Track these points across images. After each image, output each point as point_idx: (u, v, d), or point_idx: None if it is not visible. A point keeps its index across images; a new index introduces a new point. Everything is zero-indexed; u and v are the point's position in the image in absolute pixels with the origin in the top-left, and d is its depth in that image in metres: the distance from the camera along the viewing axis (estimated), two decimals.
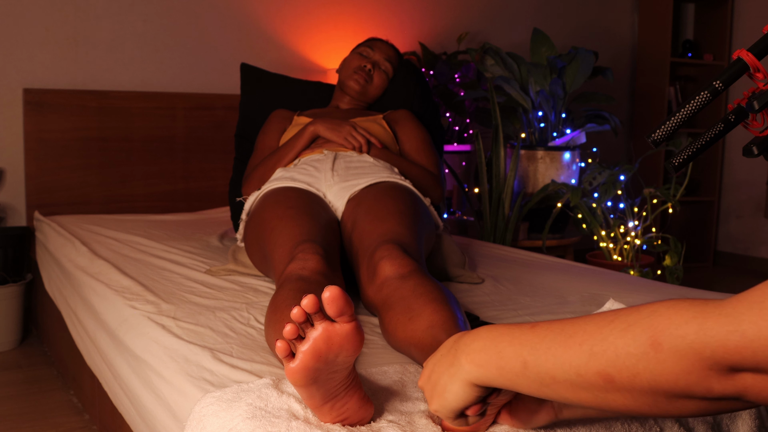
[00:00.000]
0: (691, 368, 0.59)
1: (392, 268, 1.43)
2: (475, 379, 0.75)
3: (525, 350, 0.70)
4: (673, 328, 0.59)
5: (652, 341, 0.60)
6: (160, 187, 3.19)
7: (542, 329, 0.70)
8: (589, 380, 0.65)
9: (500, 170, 3.28)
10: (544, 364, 0.68)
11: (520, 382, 0.71)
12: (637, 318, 0.62)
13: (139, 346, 1.45)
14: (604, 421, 1.01)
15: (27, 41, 2.99)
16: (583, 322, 0.67)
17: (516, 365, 0.70)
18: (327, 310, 0.90)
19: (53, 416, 2.14)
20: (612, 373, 0.63)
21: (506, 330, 0.74)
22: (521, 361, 0.70)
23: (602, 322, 0.65)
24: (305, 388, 0.93)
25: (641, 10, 4.59)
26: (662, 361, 0.60)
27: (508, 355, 0.71)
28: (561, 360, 0.66)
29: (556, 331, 0.68)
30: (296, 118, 2.23)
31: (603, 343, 0.63)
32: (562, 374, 0.67)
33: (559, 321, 0.70)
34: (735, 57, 0.87)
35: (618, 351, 0.62)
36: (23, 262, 2.83)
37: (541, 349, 0.68)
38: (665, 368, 0.60)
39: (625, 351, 0.62)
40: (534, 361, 0.69)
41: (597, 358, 0.64)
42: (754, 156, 0.89)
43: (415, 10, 3.89)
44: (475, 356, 0.75)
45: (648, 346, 0.60)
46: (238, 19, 3.42)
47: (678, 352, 0.59)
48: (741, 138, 4.44)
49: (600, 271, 2.10)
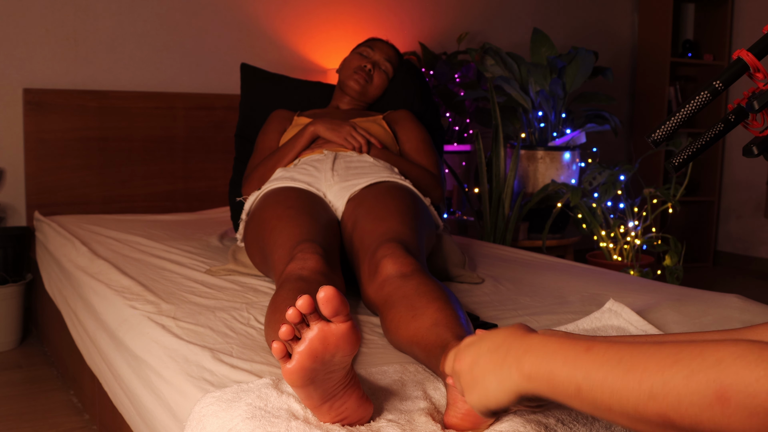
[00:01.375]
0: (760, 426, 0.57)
1: (394, 267, 1.43)
2: (524, 391, 0.74)
3: (579, 375, 0.68)
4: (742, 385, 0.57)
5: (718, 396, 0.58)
6: (160, 187, 3.19)
7: (598, 354, 0.68)
8: (648, 418, 0.63)
9: (500, 170, 3.28)
10: (599, 395, 0.66)
11: (573, 403, 0.70)
12: (702, 365, 0.60)
13: (139, 346, 1.45)
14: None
15: (27, 41, 2.99)
16: (643, 357, 0.64)
17: (569, 389, 0.69)
18: (322, 310, 0.90)
19: (53, 416, 2.14)
20: (674, 418, 0.61)
21: (560, 347, 0.72)
22: (575, 385, 0.69)
23: (664, 362, 0.63)
24: (302, 388, 0.93)
25: (641, 10, 4.59)
26: (729, 416, 0.58)
27: (561, 376, 0.70)
28: (618, 395, 0.65)
29: (613, 361, 0.66)
30: (296, 118, 2.23)
31: (664, 386, 0.62)
32: (618, 407, 0.65)
33: (615, 346, 0.68)
34: (735, 57, 0.87)
35: (681, 398, 0.60)
36: (23, 262, 2.83)
37: (596, 379, 0.67)
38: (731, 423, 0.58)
39: (689, 399, 0.60)
40: (588, 389, 0.67)
41: (657, 400, 0.62)
42: (754, 156, 0.89)
43: (415, 10, 3.89)
44: (527, 369, 0.73)
45: (714, 399, 0.58)
46: (238, 19, 3.42)
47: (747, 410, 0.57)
48: (741, 138, 4.44)
49: (600, 271, 2.10)
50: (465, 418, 0.96)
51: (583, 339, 0.71)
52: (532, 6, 4.25)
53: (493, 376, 0.77)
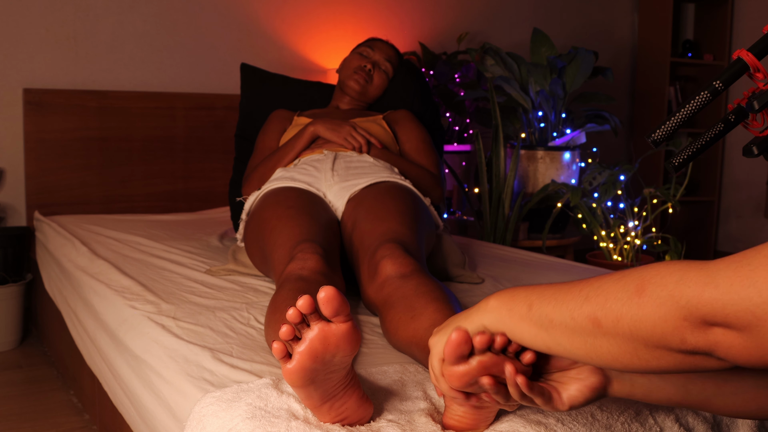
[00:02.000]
0: (668, 316, 0.63)
1: (393, 267, 1.43)
2: (486, 320, 0.80)
3: (534, 295, 0.76)
4: (658, 277, 0.64)
5: (637, 287, 0.65)
6: (160, 187, 3.19)
7: (558, 284, 0.76)
8: (580, 324, 0.70)
9: (500, 170, 3.28)
10: (545, 307, 0.74)
11: (523, 326, 0.77)
12: (634, 271, 0.68)
13: (139, 346, 1.45)
14: (604, 421, 1.01)
15: (27, 41, 2.99)
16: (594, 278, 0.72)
17: (523, 307, 0.76)
18: (322, 310, 0.90)
19: (53, 416, 2.14)
20: (599, 316, 0.68)
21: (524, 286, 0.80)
22: (528, 303, 0.76)
23: (604, 276, 0.70)
24: (303, 388, 0.93)
25: (641, 10, 4.59)
26: (642, 305, 0.65)
27: (519, 298, 0.78)
28: (560, 304, 0.72)
29: (567, 284, 0.74)
30: (296, 118, 2.23)
31: (598, 289, 0.69)
32: (558, 317, 0.72)
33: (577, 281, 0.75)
34: (735, 57, 0.87)
35: (608, 296, 0.68)
36: (23, 262, 2.83)
37: (547, 295, 0.74)
38: (644, 313, 0.64)
39: (614, 296, 0.67)
40: (539, 304, 0.75)
41: (589, 301, 0.69)
42: (754, 156, 0.89)
43: (415, 10, 3.89)
44: (491, 303, 0.81)
45: (633, 292, 0.65)
46: (238, 19, 3.42)
47: (658, 299, 0.63)
48: (741, 138, 4.43)
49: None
50: (463, 419, 0.96)
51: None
52: (532, 6, 4.25)
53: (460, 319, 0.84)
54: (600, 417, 1.02)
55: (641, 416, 1.04)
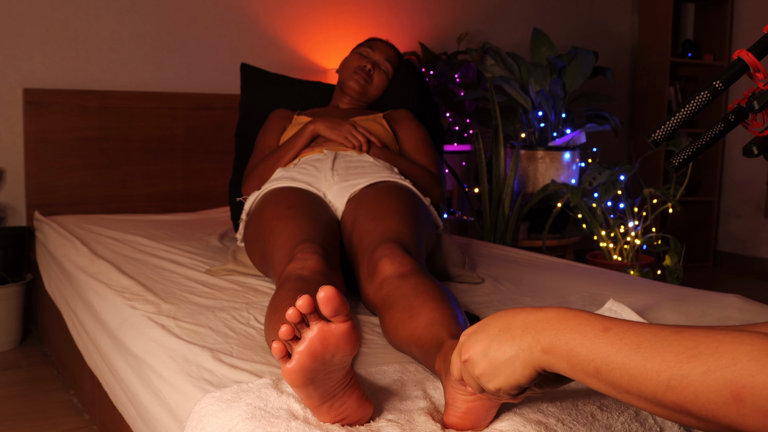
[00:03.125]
0: None
1: (392, 267, 1.43)
2: (546, 366, 0.74)
3: (597, 358, 0.69)
4: (758, 387, 0.59)
5: (734, 396, 0.60)
6: (159, 187, 3.19)
7: (615, 338, 0.68)
8: (666, 405, 0.65)
9: (500, 170, 3.28)
10: (618, 379, 0.67)
11: (591, 383, 0.70)
12: (718, 364, 0.61)
13: (139, 346, 1.45)
14: (604, 421, 1.01)
15: (27, 41, 2.99)
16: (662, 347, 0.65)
17: (588, 368, 0.70)
18: (322, 310, 0.90)
19: (53, 416, 2.14)
20: (691, 409, 0.63)
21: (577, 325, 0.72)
22: (594, 367, 0.69)
23: (682, 356, 0.64)
24: (302, 388, 0.93)
25: (641, 10, 4.59)
26: (744, 415, 0.60)
27: (579, 356, 0.70)
28: (637, 381, 0.66)
29: (632, 346, 0.67)
30: (296, 117, 2.23)
31: (682, 380, 0.63)
32: (636, 392, 0.66)
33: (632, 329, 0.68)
34: (735, 57, 0.87)
35: (698, 393, 0.62)
36: (23, 262, 2.83)
37: (614, 364, 0.67)
38: (747, 422, 0.60)
39: (705, 396, 0.61)
40: (607, 372, 0.68)
41: (676, 392, 0.63)
42: (754, 156, 0.89)
43: (415, 10, 3.89)
44: (547, 343, 0.73)
45: (729, 398, 0.60)
46: (238, 19, 3.42)
47: (761, 411, 0.59)
48: (741, 138, 4.44)
49: (600, 271, 2.10)
50: (464, 418, 0.95)
51: (599, 318, 0.71)
52: (532, 6, 4.25)
53: (512, 354, 0.76)
54: (600, 417, 1.02)
55: (641, 416, 1.04)
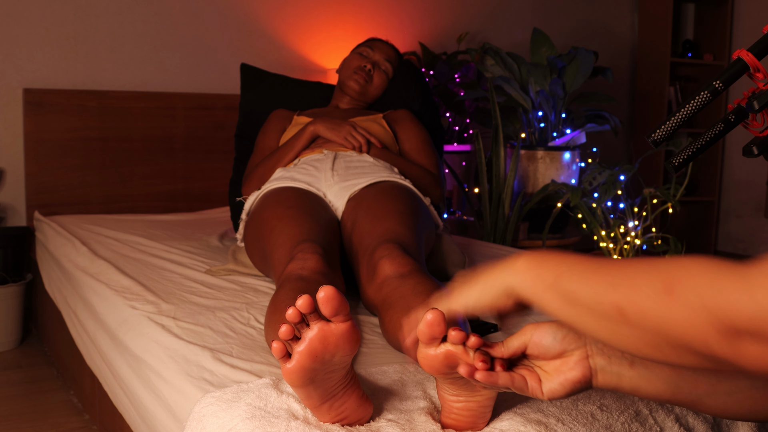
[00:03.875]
0: (696, 321, 0.60)
1: (392, 267, 1.43)
2: (512, 281, 0.78)
3: (564, 266, 0.73)
4: (689, 279, 0.61)
5: (666, 286, 0.63)
6: (160, 187, 3.19)
7: (588, 258, 0.74)
8: (605, 309, 0.68)
9: (500, 170, 3.28)
10: (573, 283, 0.71)
11: (549, 296, 0.74)
12: (663, 265, 0.65)
13: (139, 346, 1.45)
14: (604, 421, 1.01)
15: (27, 41, 2.99)
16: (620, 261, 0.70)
17: (550, 276, 0.74)
18: (322, 309, 0.90)
19: (53, 416, 2.14)
20: (625, 307, 0.66)
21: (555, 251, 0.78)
22: (557, 273, 0.74)
23: (634, 263, 0.68)
24: (302, 388, 0.93)
25: (641, 10, 4.58)
26: (670, 306, 0.62)
27: (548, 264, 0.75)
28: (587, 283, 0.70)
29: (596, 262, 0.72)
30: (296, 117, 2.23)
31: (625, 278, 0.67)
32: (584, 297, 0.70)
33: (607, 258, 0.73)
34: (735, 57, 0.87)
35: (635, 288, 0.65)
36: (23, 262, 2.83)
37: (576, 269, 0.72)
38: (672, 314, 0.62)
39: (642, 290, 0.64)
40: (568, 277, 0.72)
41: (616, 289, 0.67)
42: (754, 156, 0.89)
43: (415, 10, 3.89)
44: (519, 263, 0.78)
45: (662, 289, 0.63)
46: (238, 19, 3.42)
47: (687, 302, 0.61)
48: (741, 138, 4.43)
49: None
50: (461, 418, 0.95)
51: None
52: (532, 6, 4.25)
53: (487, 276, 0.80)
54: (600, 417, 1.02)
55: (641, 416, 1.04)
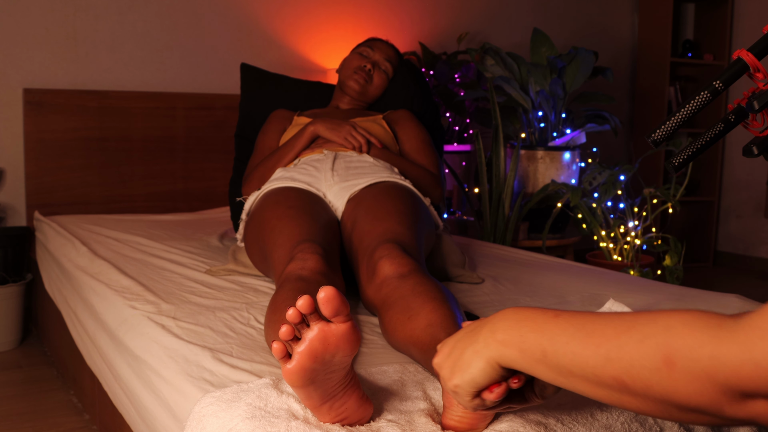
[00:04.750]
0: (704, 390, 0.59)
1: (392, 268, 1.43)
2: (499, 358, 0.76)
3: (545, 340, 0.71)
4: (687, 350, 0.60)
5: (666, 359, 0.61)
6: (160, 187, 3.19)
7: (564, 321, 0.71)
8: (604, 381, 0.66)
9: (500, 170, 3.28)
10: (562, 358, 0.70)
11: (540, 369, 0.73)
12: (653, 331, 0.63)
13: (139, 346, 1.45)
14: (604, 421, 1.01)
15: (27, 41, 2.99)
16: (602, 324, 0.68)
17: (536, 352, 0.72)
18: (322, 310, 0.90)
19: (53, 416, 2.14)
20: (626, 380, 0.64)
21: (530, 314, 0.75)
22: (541, 349, 0.72)
23: (620, 328, 0.66)
24: (303, 388, 0.93)
25: (641, 10, 4.59)
26: (675, 379, 0.61)
27: (529, 340, 0.73)
28: (578, 358, 0.68)
29: (576, 326, 0.70)
30: (296, 118, 2.23)
31: (619, 351, 0.65)
32: (579, 371, 0.68)
33: (580, 314, 0.71)
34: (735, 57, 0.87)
35: (633, 362, 0.63)
36: (23, 262, 2.83)
37: (560, 342, 0.70)
38: (678, 386, 0.61)
39: (640, 363, 0.63)
40: (553, 353, 0.70)
41: (612, 363, 0.65)
42: (754, 156, 0.89)
43: (415, 10, 3.89)
44: (500, 335, 0.76)
45: (662, 362, 0.61)
46: (238, 19, 3.42)
47: (691, 374, 0.60)
48: (741, 138, 4.43)
49: (600, 271, 2.10)
50: (461, 420, 0.96)
51: (553, 309, 0.74)
52: (532, 6, 4.25)
53: (471, 350, 0.79)
54: (600, 417, 1.02)
55: (641, 416, 1.04)
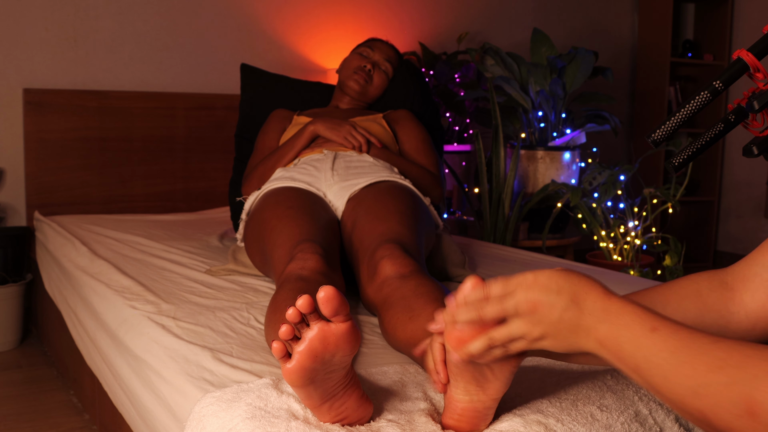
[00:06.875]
0: None
1: (393, 268, 1.43)
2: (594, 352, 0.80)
3: (640, 356, 0.75)
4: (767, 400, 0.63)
5: (749, 409, 0.64)
6: (160, 187, 3.19)
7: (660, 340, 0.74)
8: (689, 411, 0.71)
9: (500, 170, 3.28)
10: (653, 378, 0.74)
11: (631, 376, 0.77)
12: (740, 377, 0.66)
13: (139, 346, 1.45)
14: (604, 421, 1.01)
15: (27, 41, 2.99)
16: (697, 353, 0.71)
17: (631, 364, 0.76)
18: (322, 310, 0.90)
19: (53, 416, 2.14)
20: (710, 417, 0.68)
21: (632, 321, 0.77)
22: (635, 363, 0.76)
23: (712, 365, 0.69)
24: (302, 388, 0.93)
25: (641, 10, 4.58)
26: (756, 429, 0.64)
27: (626, 352, 0.76)
28: (668, 383, 0.72)
29: (671, 349, 0.73)
30: (296, 117, 2.23)
31: (706, 388, 0.68)
32: (667, 393, 0.73)
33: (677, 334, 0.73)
34: (735, 57, 0.87)
35: (718, 403, 0.67)
36: (23, 262, 2.83)
37: (653, 363, 0.74)
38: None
39: (725, 406, 0.66)
40: (646, 370, 0.74)
41: (699, 399, 0.69)
42: (754, 156, 0.89)
43: (415, 10, 3.89)
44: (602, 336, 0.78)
45: (744, 411, 0.65)
46: (238, 19, 3.42)
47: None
48: (741, 138, 4.43)
49: (600, 271, 2.10)
50: (461, 419, 0.95)
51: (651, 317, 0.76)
52: (532, 6, 4.25)
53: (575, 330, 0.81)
54: (600, 417, 1.02)
55: (641, 416, 1.04)
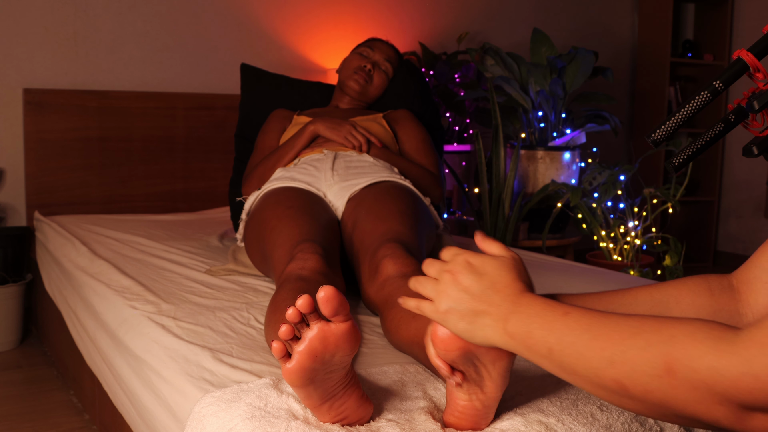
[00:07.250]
0: (702, 399, 0.62)
1: (395, 267, 1.43)
2: (504, 345, 0.80)
3: (552, 338, 0.74)
4: (688, 359, 0.62)
5: (667, 367, 0.64)
6: (160, 187, 3.19)
7: (572, 320, 0.73)
8: (605, 384, 0.69)
9: (500, 170, 3.28)
10: (567, 358, 0.72)
11: (544, 363, 0.76)
12: (657, 339, 0.65)
13: (139, 346, 1.45)
14: (604, 421, 1.01)
15: (27, 41, 2.99)
16: (609, 327, 0.70)
17: (542, 349, 0.75)
18: (322, 309, 0.90)
19: (53, 416, 2.14)
20: (627, 384, 0.67)
21: (541, 311, 0.77)
22: (548, 347, 0.74)
23: (626, 333, 0.68)
24: (302, 388, 0.93)
25: (641, 10, 4.58)
26: (674, 387, 0.63)
27: (536, 337, 0.76)
28: (582, 359, 0.71)
29: (584, 327, 0.72)
30: (296, 117, 2.23)
31: (622, 355, 0.67)
32: (582, 370, 0.71)
33: (589, 314, 0.73)
34: (735, 57, 0.87)
35: (635, 366, 0.66)
36: (23, 262, 2.83)
37: (566, 342, 0.72)
38: (677, 394, 0.63)
39: (641, 369, 0.65)
40: (559, 351, 0.73)
41: (615, 367, 0.68)
42: (754, 156, 0.89)
43: (415, 10, 3.89)
44: (511, 328, 0.79)
45: (662, 369, 0.64)
46: (238, 19, 3.42)
47: (690, 383, 0.62)
48: (741, 138, 4.43)
49: (600, 271, 2.10)
50: (462, 417, 0.95)
51: (563, 305, 0.76)
52: (532, 6, 4.25)
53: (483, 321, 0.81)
54: (600, 417, 1.02)
55: (641, 416, 1.04)
